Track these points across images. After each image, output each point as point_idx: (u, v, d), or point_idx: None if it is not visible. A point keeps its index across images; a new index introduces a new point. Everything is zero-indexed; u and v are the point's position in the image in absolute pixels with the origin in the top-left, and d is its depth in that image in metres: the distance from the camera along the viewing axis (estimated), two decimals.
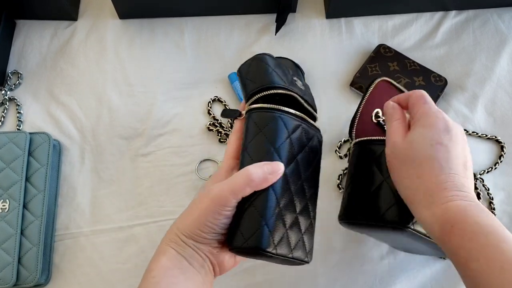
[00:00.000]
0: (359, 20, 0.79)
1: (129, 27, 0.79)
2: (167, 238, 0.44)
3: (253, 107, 0.45)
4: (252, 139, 0.44)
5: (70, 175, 0.71)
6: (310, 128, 0.48)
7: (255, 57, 0.48)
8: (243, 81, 0.48)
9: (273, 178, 0.42)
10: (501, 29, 0.77)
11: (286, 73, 0.49)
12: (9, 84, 0.76)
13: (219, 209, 0.42)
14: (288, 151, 0.44)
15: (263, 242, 0.41)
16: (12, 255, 0.61)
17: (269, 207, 0.42)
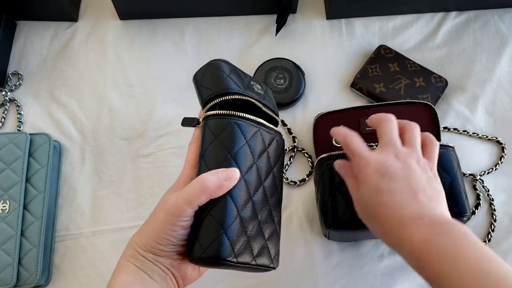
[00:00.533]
0: (359, 21, 0.79)
1: (129, 28, 0.80)
2: (126, 254, 0.44)
3: (208, 114, 0.45)
4: (208, 146, 0.44)
5: (71, 176, 0.71)
6: (269, 132, 0.47)
7: (210, 63, 0.48)
8: (199, 88, 0.47)
9: (229, 185, 0.41)
10: (501, 30, 0.77)
11: (242, 78, 0.48)
12: (10, 85, 0.76)
13: (175, 220, 0.41)
14: (246, 157, 0.44)
15: (222, 251, 0.40)
16: (12, 256, 0.61)
17: (227, 215, 0.41)
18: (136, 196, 0.69)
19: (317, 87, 0.75)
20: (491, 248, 0.64)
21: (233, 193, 0.42)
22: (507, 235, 0.65)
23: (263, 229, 0.45)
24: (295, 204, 0.68)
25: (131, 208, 0.69)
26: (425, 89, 0.71)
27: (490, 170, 0.68)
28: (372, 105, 0.68)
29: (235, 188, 0.42)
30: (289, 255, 0.65)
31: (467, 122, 0.72)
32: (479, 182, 0.68)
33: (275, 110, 0.50)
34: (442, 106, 0.73)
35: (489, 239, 0.65)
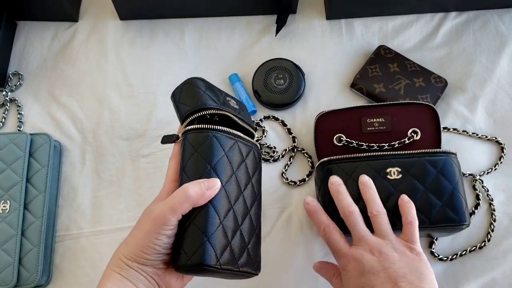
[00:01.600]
0: (359, 21, 0.79)
1: (129, 28, 0.80)
2: (111, 263, 0.45)
3: (187, 128, 0.47)
4: (188, 159, 0.45)
5: (71, 176, 0.71)
6: (246, 144, 0.50)
7: (186, 81, 0.50)
8: (177, 104, 0.49)
9: (211, 194, 0.43)
10: (501, 30, 0.77)
11: (218, 94, 0.51)
12: (10, 85, 0.76)
13: (159, 229, 0.42)
14: (225, 167, 0.46)
15: (206, 258, 0.42)
16: (12, 256, 0.62)
17: (210, 223, 0.43)
18: (136, 196, 0.69)
19: (317, 87, 0.75)
20: (491, 248, 0.65)
21: (214, 202, 0.44)
22: (506, 235, 0.65)
23: (245, 236, 0.47)
24: (295, 204, 0.68)
25: (131, 208, 0.69)
26: (425, 89, 0.71)
27: (490, 170, 0.69)
28: (374, 105, 0.68)
29: (217, 198, 0.44)
30: (289, 255, 0.65)
31: (466, 122, 0.72)
32: (478, 182, 0.68)
33: (250, 124, 0.53)
34: (441, 106, 0.73)
35: (489, 239, 0.65)
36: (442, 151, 0.60)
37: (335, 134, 0.67)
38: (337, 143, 0.67)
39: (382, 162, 0.60)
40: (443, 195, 0.58)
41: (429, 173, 0.59)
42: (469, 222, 0.58)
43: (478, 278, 0.63)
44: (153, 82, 0.76)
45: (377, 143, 0.66)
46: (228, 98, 0.52)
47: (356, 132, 0.67)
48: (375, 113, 0.67)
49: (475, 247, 0.65)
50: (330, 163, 0.60)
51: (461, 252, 0.64)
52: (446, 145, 0.69)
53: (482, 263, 0.64)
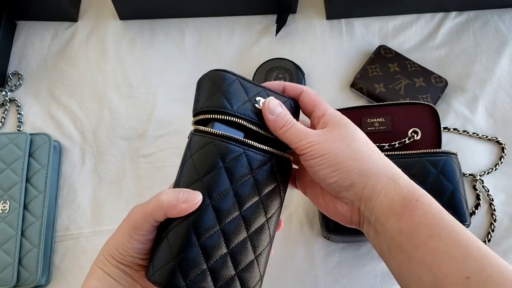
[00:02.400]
0: (359, 21, 0.79)
1: (129, 28, 0.80)
2: (97, 259, 0.44)
3: (194, 128, 0.42)
4: (184, 163, 0.41)
5: (71, 176, 0.71)
6: (261, 154, 0.42)
7: (208, 73, 0.44)
8: (194, 97, 0.44)
9: (185, 208, 0.38)
10: (501, 30, 0.77)
11: (243, 92, 0.43)
12: (10, 85, 0.76)
13: (131, 233, 0.40)
14: (219, 182, 0.40)
15: (169, 279, 0.38)
16: (12, 256, 0.61)
17: (183, 243, 0.38)
18: (136, 196, 0.69)
19: (317, 87, 0.75)
20: (491, 248, 0.65)
21: (195, 219, 0.39)
22: (507, 235, 0.65)
23: (236, 260, 0.41)
24: (295, 204, 0.68)
25: (131, 208, 0.68)
26: (425, 89, 0.71)
27: (490, 170, 0.69)
28: (374, 105, 0.68)
29: (199, 214, 0.39)
30: (289, 255, 0.65)
31: (467, 122, 0.72)
32: (479, 182, 0.68)
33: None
34: (442, 106, 0.73)
35: (489, 239, 0.65)
36: (442, 151, 0.60)
37: None
38: None
39: None
40: (443, 195, 0.58)
41: (429, 173, 0.59)
42: (469, 222, 0.58)
43: None
44: (153, 82, 0.76)
45: (377, 143, 0.66)
46: (259, 98, 0.44)
47: None
48: (375, 113, 0.67)
49: None
50: None
51: None
52: (446, 145, 0.69)
53: None
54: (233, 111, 0.42)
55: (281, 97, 0.45)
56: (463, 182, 0.60)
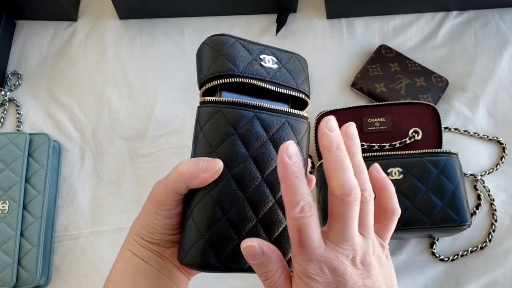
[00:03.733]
0: (360, 20, 0.78)
1: (129, 27, 0.79)
2: (125, 242, 0.42)
3: (200, 100, 0.40)
4: (196, 137, 0.39)
5: (70, 176, 0.70)
6: (275, 115, 0.39)
7: (205, 40, 0.42)
8: (196, 69, 0.42)
9: (207, 177, 0.36)
10: (502, 30, 0.77)
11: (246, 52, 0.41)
12: (9, 85, 0.76)
13: (156, 209, 0.38)
14: (234, 150, 0.38)
15: (202, 258, 0.36)
16: (11, 256, 0.61)
17: (209, 218, 0.37)
18: (136, 196, 0.69)
19: (318, 87, 0.74)
20: (492, 248, 0.65)
21: (217, 192, 0.37)
22: (507, 235, 0.65)
23: (267, 228, 0.38)
24: None
25: (131, 208, 0.68)
26: (426, 89, 0.71)
27: (491, 170, 0.68)
28: (375, 105, 0.68)
29: (220, 187, 0.37)
30: None
31: (468, 122, 0.71)
32: (479, 182, 0.68)
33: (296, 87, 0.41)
34: (442, 106, 0.72)
35: (490, 239, 0.65)
36: (443, 151, 0.60)
37: None
38: None
39: (383, 162, 0.59)
40: (444, 195, 0.58)
41: (430, 173, 0.58)
42: (470, 222, 0.58)
43: (479, 279, 0.63)
44: (153, 81, 0.75)
45: (378, 143, 0.66)
46: (263, 55, 0.41)
47: (357, 132, 0.67)
48: (376, 113, 0.67)
49: (476, 247, 0.64)
50: None
51: (462, 252, 0.64)
52: (447, 145, 0.69)
53: (483, 263, 0.64)
54: (240, 71, 0.39)
55: (286, 53, 0.43)
56: (464, 182, 0.60)
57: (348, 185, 0.33)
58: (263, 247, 0.35)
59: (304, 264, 0.34)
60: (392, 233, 0.47)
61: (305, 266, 0.34)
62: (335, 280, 0.33)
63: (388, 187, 0.39)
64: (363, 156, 0.60)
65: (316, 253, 0.33)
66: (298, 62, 0.43)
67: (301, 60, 0.44)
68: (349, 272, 0.34)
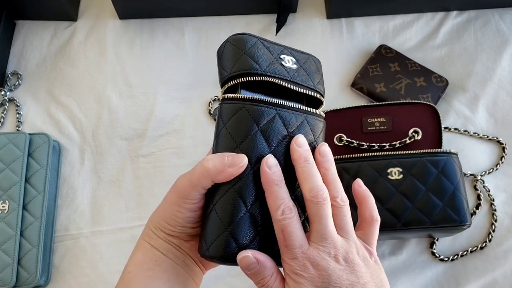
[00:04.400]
0: (360, 20, 0.78)
1: (129, 27, 0.79)
2: (143, 233, 0.43)
3: (222, 97, 0.41)
4: (218, 133, 0.40)
5: (70, 176, 0.70)
6: (295, 114, 0.41)
7: (228, 39, 0.43)
8: (218, 67, 0.43)
9: (232, 172, 0.37)
10: (502, 30, 0.77)
11: (267, 52, 0.42)
12: (9, 85, 0.76)
13: (181, 202, 0.39)
14: (257, 146, 0.39)
15: (224, 251, 0.37)
16: (11, 256, 0.61)
17: (232, 212, 0.38)
18: (136, 196, 0.69)
19: None
20: (492, 248, 0.65)
21: (239, 187, 0.38)
22: (507, 235, 0.65)
23: None
24: None
25: (131, 208, 0.68)
26: (426, 89, 0.71)
27: (491, 170, 0.68)
28: (375, 105, 0.68)
29: (243, 181, 0.38)
30: None
31: (468, 122, 0.71)
32: (479, 182, 0.68)
33: (313, 86, 0.43)
34: (442, 106, 0.72)
35: (490, 239, 0.65)
36: (443, 151, 0.60)
37: (336, 133, 0.67)
38: (338, 143, 0.67)
39: (383, 162, 0.59)
40: (444, 195, 0.58)
41: (430, 173, 0.58)
42: (470, 222, 0.58)
43: (479, 279, 0.63)
44: (153, 81, 0.75)
45: (378, 143, 0.66)
46: (283, 56, 0.43)
47: (357, 132, 0.67)
48: (376, 113, 0.67)
49: (476, 247, 0.64)
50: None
51: (462, 252, 0.64)
52: (447, 145, 0.69)
53: (483, 263, 0.64)
54: (263, 71, 0.41)
55: (303, 55, 0.45)
56: (463, 182, 0.60)
57: (315, 188, 0.38)
58: (257, 256, 0.37)
59: (290, 262, 0.37)
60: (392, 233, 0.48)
61: (291, 263, 0.37)
62: (319, 275, 0.36)
63: (368, 198, 0.42)
64: (364, 156, 0.60)
65: (299, 251, 0.37)
66: (314, 63, 0.45)
67: (317, 61, 0.46)
68: (332, 267, 0.37)
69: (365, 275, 0.38)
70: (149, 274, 0.41)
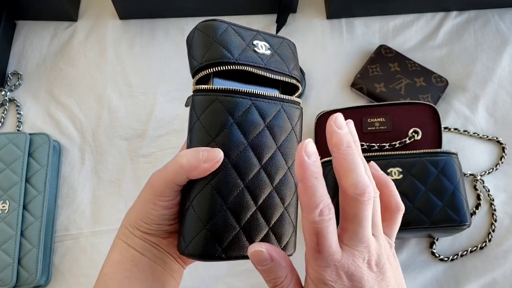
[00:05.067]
0: (360, 20, 0.79)
1: (129, 27, 0.79)
2: (119, 232, 0.42)
3: (194, 88, 0.39)
4: (192, 127, 0.38)
5: (70, 176, 0.70)
6: (271, 103, 0.39)
7: (197, 25, 0.40)
8: (188, 56, 0.41)
9: (207, 167, 0.36)
10: (502, 30, 0.77)
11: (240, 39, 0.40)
12: (9, 85, 0.76)
13: (155, 200, 0.38)
14: (233, 139, 0.37)
15: (204, 248, 0.36)
16: (12, 256, 0.61)
17: (209, 208, 0.37)
18: (135, 196, 0.69)
19: (317, 87, 0.74)
20: (492, 248, 0.65)
21: (216, 182, 0.37)
22: (507, 235, 0.65)
23: (266, 215, 0.39)
24: None
25: None
26: (426, 89, 0.71)
27: (491, 170, 0.68)
28: (375, 105, 0.68)
29: (219, 176, 0.37)
30: None
31: (467, 122, 0.71)
32: (479, 182, 0.68)
33: (288, 72, 0.41)
34: (442, 106, 0.72)
35: (490, 239, 0.65)
36: (443, 151, 0.60)
37: None
38: None
39: (383, 162, 0.59)
40: (444, 195, 0.58)
41: (430, 173, 0.59)
42: (470, 222, 0.58)
43: (479, 278, 0.63)
44: (153, 81, 0.75)
45: (377, 143, 0.66)
46: (256, 41, 0.41)
47: (357, 132, 0.67)
48: (376, 113, 0.67)
49: (476, 247, 0.64)
50: (330, 163, 0.60)
51: (461, 252, 0.64)
52: (447, 145, 0.69)
53: (483, 263, 0.64)
54: (236, 59, 0.39)
55: (277, 39, 0.43)
56: (463, 182, 0.60)
57: (362, 184, 0.32)
58: (272, 253, 0.33)
59: (321, 270, 0.33)
60: None
61: (322, 272, 0.33)
62: (351, 286, 0.32)
63: (389, 184, 0.38)
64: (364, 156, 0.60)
65: (334, 259, 0.32)
66: (288, 47, 0.43)
67: (291, 45, 0.44)
68: (366, 276, 0.33)
69: (392, 280, 0.35)
70: (126, 275, 0.40)
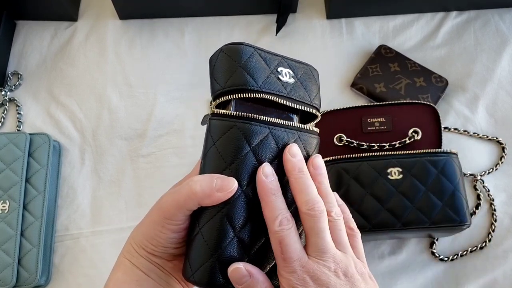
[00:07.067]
0: (360, 20, 0.79)
1: (129, 27, 0.79)
2: (124, 249, 0.41)
3: (212, 112, 0.39)
4: (207, 151, 0.38)
5: (70, 176, 0.70)
6: (289, 131, 0.39)
7: (223, 48, 0.40)
8: (210, 77, 0.41)
9: (220, 197, 0.35)
10: (502, 30, 0.77)
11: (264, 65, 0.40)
12: (9, 85, 0.76)
13: (164, 223, 0.37)
14: (248, 167, 0.37)
15: (211, 278, 0.35)
16: (12, 256, 0.61)
17: (220, 238, 0.36)
18: (136, 196, 0.69)
19: None
20: (492, 248, 0.65)
21: (228, 211, 0.36)
22: (507, 235, 0.65)
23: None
24: None
25: (131, 208, 0.68)
26: (426, 89, 0.71)
27: (491, 170, 0.68)
28: (375, 105, 0.68)
29: (232, 205, 0.36)
30: None
31: (467, 122, 0.71)
32: (479, 182, 0.68)
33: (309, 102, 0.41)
34: (442, 106, 0.72)
35: (490, 239, 0.65)
36: (443, 151, 0.60)
37: (335, 134, 0.67)
38: (338, 143, 0.67)
39: (383, 162, 0.60)
40: (444, 195, 0.58)
41: (430, 173, 0.59)
42: (470, 222, 0.58)
43: (479, 278, 0.63)
44: (153, 81, 0.75)
45: (377, 143, 0.66)
46: (280, 68, 0.41)
47: (357, 132, 0.67)
48: (376, 113, 0.67)
49: (476, 247, 0.64)
50: (331, 163, 0.60)
51: (461, 252, 0.64)
52: (447, 145, 0.69)
53: (483, 263, 0.64)
54: (259, 87, 0.38)
55: (301, 65, 0.43)
56: (463, 182, 0.60)
57: (312, 200, 0.36)
58: (249, 269, 0.35)
59: (288, 276, 0.35)
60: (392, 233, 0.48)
61: (290, 277, 0.35)
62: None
63: (345, 210, 0.41)
64: (364, 156, 0.61)
65: (298, 264, 0.35)
66: (311, 74, 0.44)
67: (314, 72, 0.44)
68: (333, 282, 0.35)
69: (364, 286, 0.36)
70: None
